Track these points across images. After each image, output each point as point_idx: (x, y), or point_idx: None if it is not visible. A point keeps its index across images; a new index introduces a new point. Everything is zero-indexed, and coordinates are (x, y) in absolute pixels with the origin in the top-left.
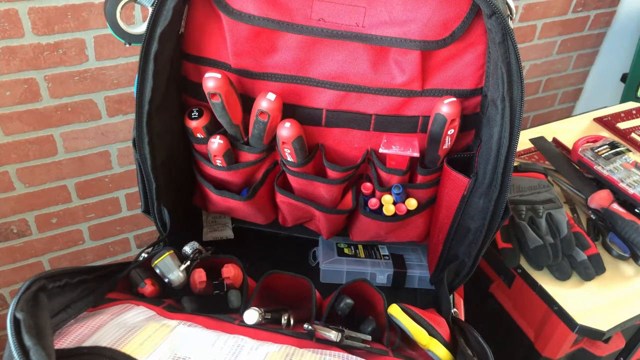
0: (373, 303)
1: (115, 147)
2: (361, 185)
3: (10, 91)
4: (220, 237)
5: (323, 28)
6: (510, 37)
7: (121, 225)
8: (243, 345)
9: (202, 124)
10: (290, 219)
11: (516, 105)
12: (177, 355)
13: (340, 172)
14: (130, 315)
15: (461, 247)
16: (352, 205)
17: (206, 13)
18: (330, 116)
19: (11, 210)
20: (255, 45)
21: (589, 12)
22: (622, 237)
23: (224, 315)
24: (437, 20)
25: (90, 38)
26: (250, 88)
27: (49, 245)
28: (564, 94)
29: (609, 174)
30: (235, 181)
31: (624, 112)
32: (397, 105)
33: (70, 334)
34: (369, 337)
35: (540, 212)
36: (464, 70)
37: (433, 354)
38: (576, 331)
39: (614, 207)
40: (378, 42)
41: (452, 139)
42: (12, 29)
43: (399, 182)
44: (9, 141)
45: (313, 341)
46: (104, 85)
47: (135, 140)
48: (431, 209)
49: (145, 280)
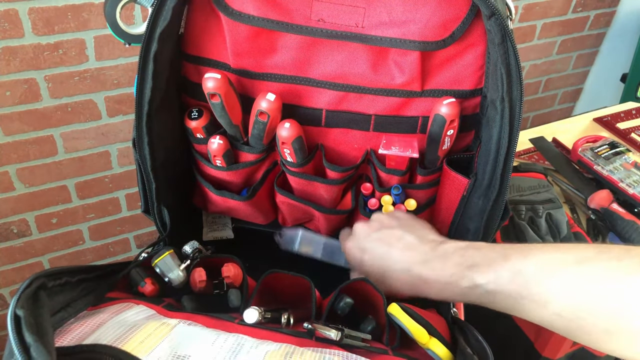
0: (373, 302)
1: (115, 147)
2: (361, 186)
3: (10, 91)
4: (220, 237)
5: (322, 28)
6: (509, 38)
7: (121, 225)
8: (243, 344)
9: (201, 124)
10: (290, 219)
11: (515, 106)
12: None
13: (340, 172)
14: (131, 314)
15: None
16: (351, 205)
17: (206, 13)
18: (329, 116)
19: (11, 210)
20: (254, 45)
21: (589, 12)
22: (622, 237)
23: (224, 315)
24: (437, 21)
25: (90, 38)
26: (250, 88)
27: (49, 245)
28: (564, 94)
29: (608, 174)
30: (235, 181)
31: (623, 112)
32: (396, 105)
33: (70, 332)
34: (368, 336)
35: (540, 212)
36: (463, 70)
37: (433, 353)
38: None
39: (614, 207)
40: (377, 43)
41: (451, 139)
42: (12, 29)
43: (399, 183)
44: (9, 141)
45: (313, 340)
46: (104, 85)
47: (135, 140)
48: (431, 209)
49: (145, 279)
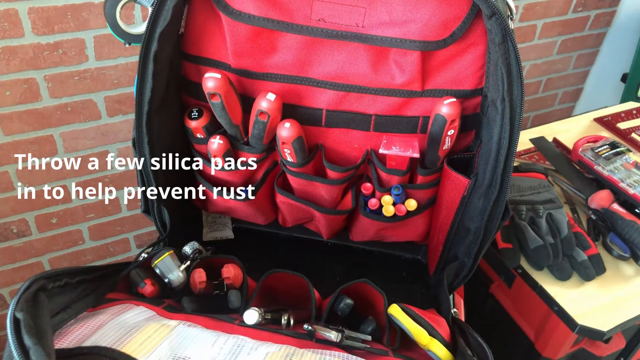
0: (373, 303)
1: (115, 147)
2: (361, 186)
3: (10, 91)
4: (220, 237)
5: (323, 28)
6: (510, 38)
7: (121, 225)
8: (243, 346)
9: (202, 124)
10: (290, 219)
11: (516, 106)
12: (177, 355)
13: (340, 172)
14: (130, 315)
15: (461, 248)
16: (351, 205)
17: (206, 13)
18: (330, 116)
19: (11, 210)
20: (255, 45)
21: (589, 12)
22: (622, 237)
23: (224, 316)
24: (437, 20)
25: (90, 38)
26: (250, 88)
27: (49, 245)
28: (564, 94)
29: (609, 174)
30: (235, 181)
31: (624, 112)
32: (397, 105)
33: (70, 334)
34: (369, 337)
35: (540, 212)
36: (464, 70)
37: (433, 354)
38: (576, 331)
39: (614, 207)
40: (378, 43)
41: (452, 139)
42: (12, 29)
43: (399, 183)
44: (9, 141)
45: (313, 341)
46: (104, 85)
47: (135, 140)
48: (431, 209)
49: (145, 280)
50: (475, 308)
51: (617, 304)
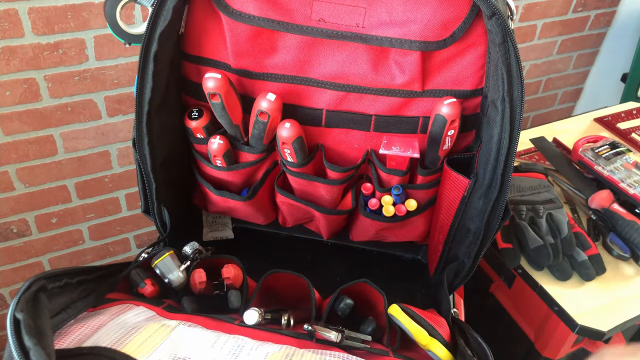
0: (373, 303)
1: (115, 147)
2: (361, 186)
3: (10, 91)
4: (220, 237)
5: (323, 28)
6: (510, 38)
7: (121, 225)
8: (243, 346)
9: (202, 124)
10: (290, 219)
11: (516, 107)
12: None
13: (341, 172)
14: (130, 315)
15: (461, 248)
16: (352, 205)
17: (206, 13)
18: (330, 116)
19: (11, 210)
20: (255, 45)
21: (589, 12)
22: (622, 238)
23: (224, 316)
24: (438, 20)
25: (90, 38)
26: (250, 88)
27: (49, 245)
28: (564, 94)
29: (609, 174)
30: (235, 181)
31: (624, 112)
32: (397, 105)
33: (70, 334)
34: (369, 338)
35: (540, 212)
36: (464, 71)
37: (433, 354)
38: (576, 331)
39: (615, 207)
40: (378, 43)
41: (452, 139)
42: (12, 28)
43: (399, 183)
44: (9, 141)
45: (313, 341)
46: (104, 85)
47: (135, 140)
48: (431, 209)
49: (145, 280)
50: (475, 308)
51: (617, 304)
